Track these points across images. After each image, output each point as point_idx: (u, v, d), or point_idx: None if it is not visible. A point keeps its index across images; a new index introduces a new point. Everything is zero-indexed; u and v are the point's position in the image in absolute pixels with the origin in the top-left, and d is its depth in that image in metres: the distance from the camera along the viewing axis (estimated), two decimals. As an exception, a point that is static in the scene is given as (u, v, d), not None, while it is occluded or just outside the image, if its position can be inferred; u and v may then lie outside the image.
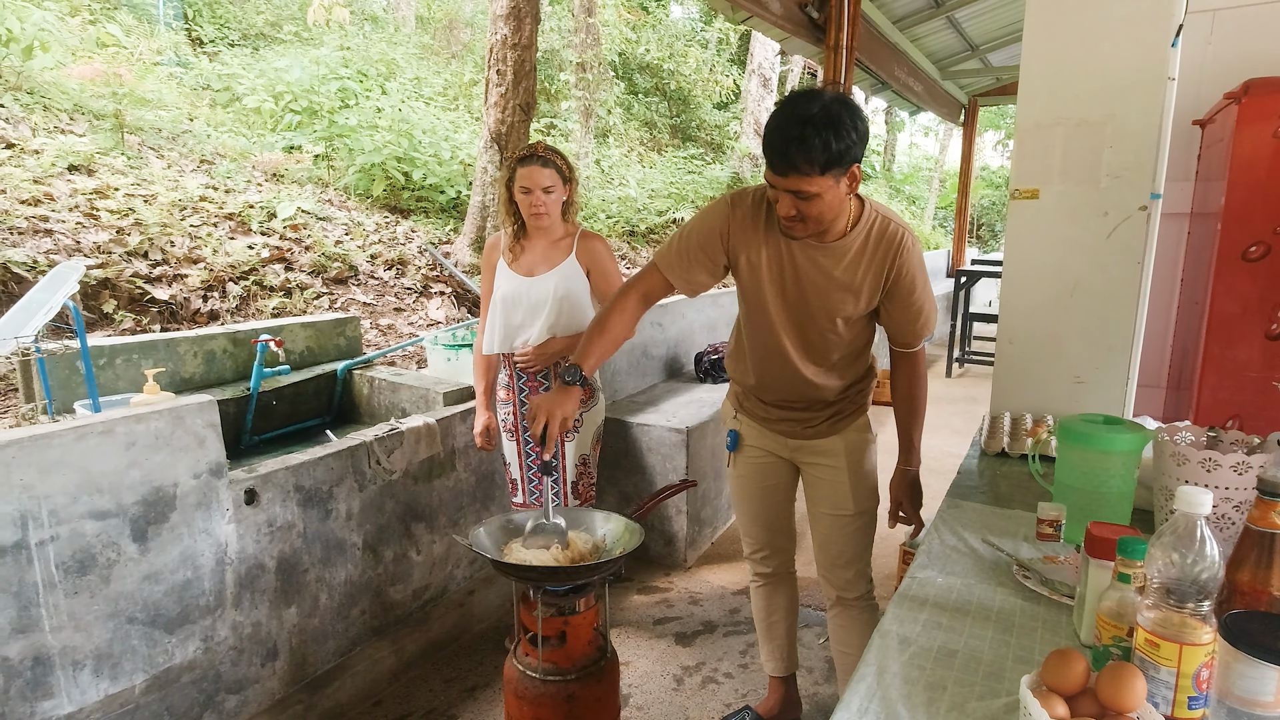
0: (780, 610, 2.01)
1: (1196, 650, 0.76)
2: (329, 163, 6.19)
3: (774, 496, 1.88)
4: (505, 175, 2.14)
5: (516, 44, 5.04)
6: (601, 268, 2.19)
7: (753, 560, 1.98)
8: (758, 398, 1.77)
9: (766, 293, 1.59)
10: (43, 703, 1.50)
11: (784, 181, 1.37)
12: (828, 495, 1.77)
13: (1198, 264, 2.31)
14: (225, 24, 8.63)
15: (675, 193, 9.24)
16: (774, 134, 1.35)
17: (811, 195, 1.36)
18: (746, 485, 1.88)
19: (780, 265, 1.56)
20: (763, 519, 1.91)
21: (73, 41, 6.25)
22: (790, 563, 1.99)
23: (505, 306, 2.16)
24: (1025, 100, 1.98)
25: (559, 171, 2.09)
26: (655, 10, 12.38)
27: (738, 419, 1.86)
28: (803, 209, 1.40)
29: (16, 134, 4.66)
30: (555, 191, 2.09)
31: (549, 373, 2.20)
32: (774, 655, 2.05)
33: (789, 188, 1.37)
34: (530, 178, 2.05)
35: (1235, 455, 1.15)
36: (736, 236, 1.57)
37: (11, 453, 1.41)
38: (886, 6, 6.74)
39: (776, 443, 1.80)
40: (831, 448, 1.74)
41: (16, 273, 3.59)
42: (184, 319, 4.08)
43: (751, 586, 2.03)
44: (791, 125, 1.32)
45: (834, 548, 1.80)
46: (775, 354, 1.65)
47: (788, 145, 1.32)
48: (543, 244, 2.19)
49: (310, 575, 2.03)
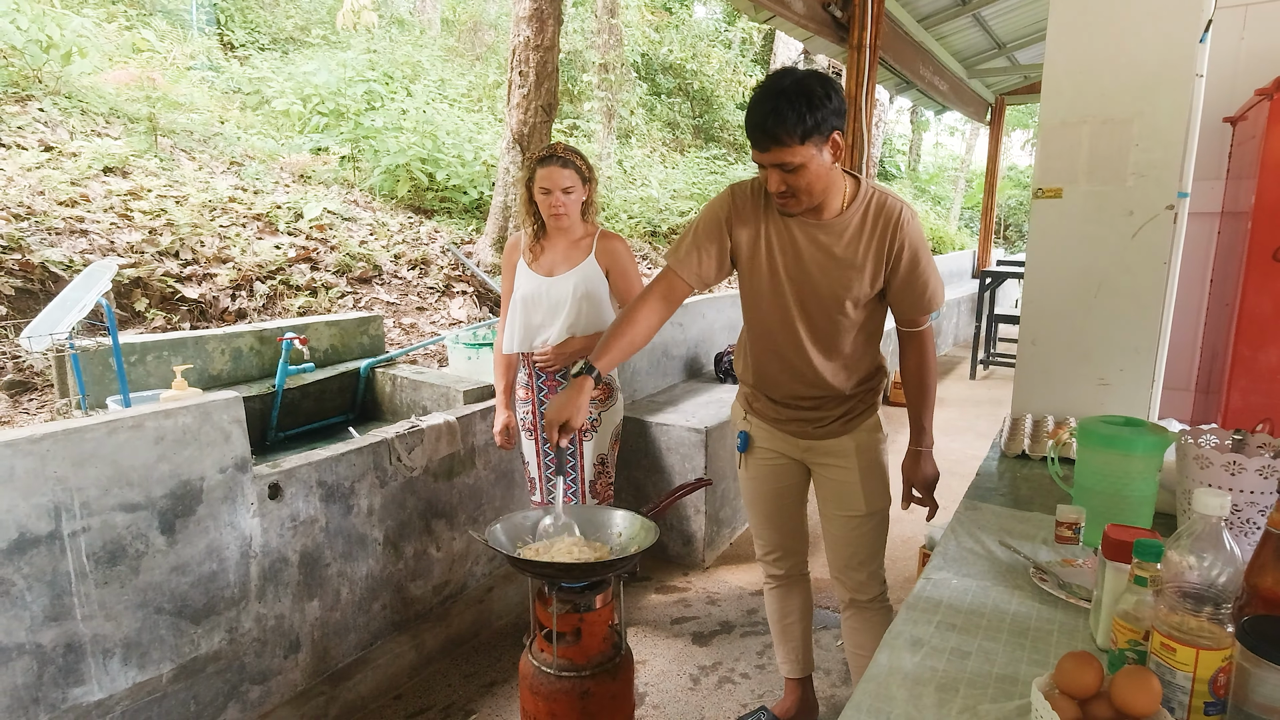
0: (795, 612, 2.00)
1: (1213, 655, 0.75)
2: (355, 164, 6.28)
3: (785, 498, 1.87)
4: (525, 176, 2.15)
5: (539, 46, 5.07)
6: (621, 268, 2.20)
7: (765, 562, 1.97)
8: (767, 397, 1.77)
9: (772, 279, 1.60)
10: (74, 689, 1.54)
11: (767, 156, 1.41)
12: (839, 496, 1.76)
13: (1228, 264, 2.26)
14: (256, 28, 8.80)
15: (698, 193, 9.23)
16: (753, 112, 1.40)
17: (796, 166, 1.40)
18: (758, 487, 1.87)
19: (782, 248, 1.57)
20: (774, 521, 1.90)
21: (109, 47, 6.42)
22: (804, 565, 1.98)
23: (525, 306, 2.17)
24: (1049, 97, 1.95)
25: (578, 172, 2.10)
26: (679, 11, 12.38)
27: (748, 420, 1.85)
28: (791, 182, 1.43)
29: (55, 137, 4.79)
30: (575, 192, 2.10)
31: (567, 372, 2.21)
32: (789, 657, 2.04)
33: (773, 161, 1.41)
34: (550, 178, 2.07)
35: (1261, 459, 1.12)
36: (738, 222, 1.60)
37: (46, 446, 1.46)
38: (911, 5, 6.67)
39: (787, 444, 1.79)
40: (842, 448, 1.73)
41: (54, 272, 3.69)
42: (213, 317, 4.17)
43: (765, 588, 2.02)
44: (767, 100, 1.38)
45: (846, 549, 1.79)
46: (784, 345, 1.64)
47: (765, 119, 1.37)
48: (563, 244, 2.20)
49: (332, 569, 2.07)
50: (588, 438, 2.22)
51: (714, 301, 4.30)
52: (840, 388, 1.68)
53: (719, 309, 4.32)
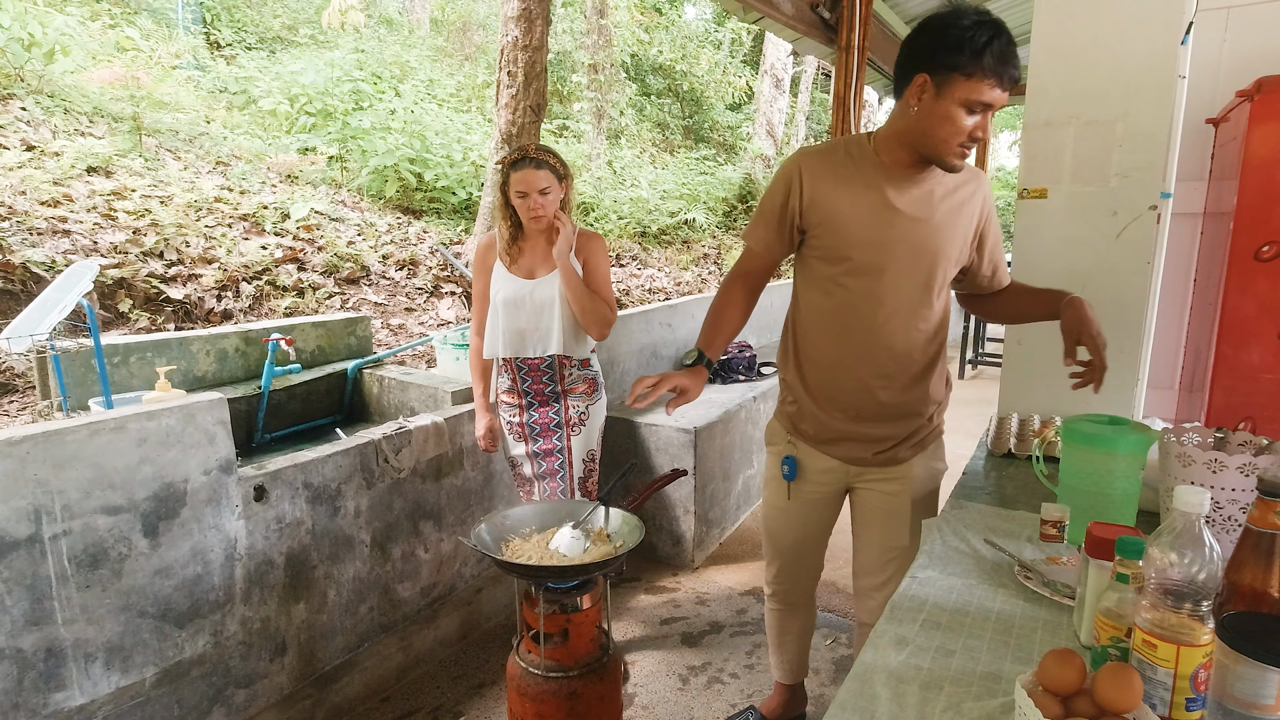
0: (794, 632, 1.95)
1: (1194, 651, 0.75)
2: (342, 164, 6.24)
3: (819, 537, 1.76)
4: (499, 180, 2.12)
5: (528, 46, 5.06)
6: (593, 263, 2.16)
7: (772, 584, 1.89)
8: (821, 413, 1.59)
9: (860, 248, 1.45)
10: (55, 694, 1.52)
11: (1001, 98, 1.28)
12: (883, 526, 1.64)
13: (1211, 264, 2.28)
14: (242, 28, 8.73)
15: (688, 194, 9.24)
16: (1004, 44, 1.24)
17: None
18: (792, 522, 1.73)
19: (877, 215, 1.43)
20: (802, 558, 1.79)
21: (93, 46, 6.35)
22: (811, 592, 1.89)
23: (508, 310, 2.14)
24: (1034, 99, 1.96)
25: (554, 171, 2.07)
26: (668, 11, 12.39)
27: (793, 444, 1.66)
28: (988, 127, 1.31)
29: (37, 137, 4.74)
30: (551, 192, 2.06)
31: (554, 374, 2.20)
32: (783, 665, 2.01)
33: (1002, 104, 1.29)
34: (525, 181, 2.03)
35: (1242, 457, 1.13)
36: (811, 188, 1.46)
37: (26, 448, 1.44)
38: (899, 6, 6.70)
39: (836, 471, 1.64)
40: (900, 475, 1.60)
41: (36, 272, 3.65)
42: (198, 318, 4.13)
43: (768, 608, 1.96)
44: (1005, 35, 1.24)
45: (874, 578, 1.70)
46: (859, 332, 1.49)
47: (1013, 57, 1.25)
48: (541, 244, 2.17)
49: (319, 572, 2.05)
50: (576, 433, 2.21)
51: (702, 302, 4.31)
52: (918, 398, 1.55)
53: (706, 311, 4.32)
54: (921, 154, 1.39)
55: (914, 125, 1.36)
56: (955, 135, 1.31)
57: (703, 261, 8.56)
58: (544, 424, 2.22)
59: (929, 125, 1.33)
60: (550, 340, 2.13)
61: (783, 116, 12.00)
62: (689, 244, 8.65)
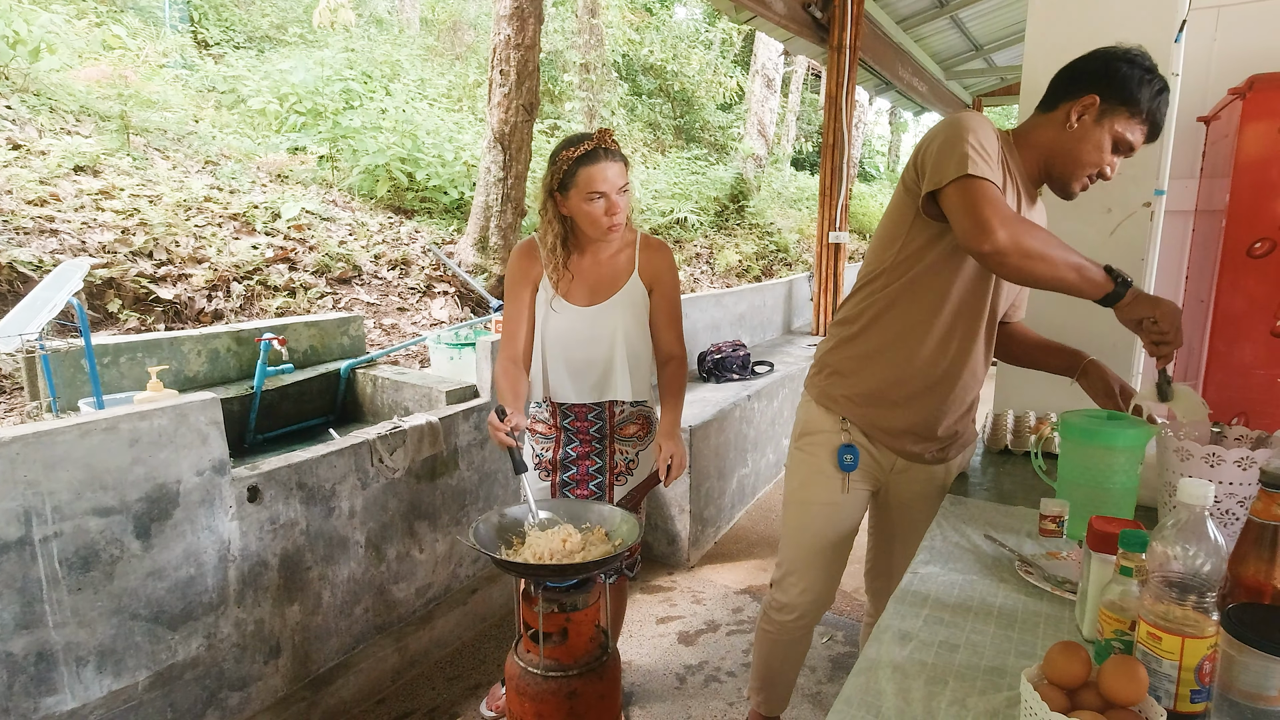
0: (792, 661, 1.80)
1: (1199, 644, 0.75)
2: (333, 164, 6.20)
3: (849, 538, 1.63)
4: (551, 182, 1.65)
5: (519, 44, 5.05)
6: (665, 288, 1.77)
7: (790, 604, 1.67)
8: (890, 401, 1.50)
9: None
10: (46, 699, 1.50)
11: (1139, 146, 1.32)
12: (912, 530, 1.60)
13: (1203, 261, 2.29)
14: (231, 26, 8.67)
15: (679, 193, 9.25)
16: (1165, 103, 1.29)
17: None
18: (846, 520, 1.59)
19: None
20: (837, 559, 1.63)
21: (79, 44, 6.29)
22: (818, 620, 1.73)
23: (566, 346, 1.74)
24: (1028, 97, 1.96)
25: (626, 162, 1.64)
26: (659, 11, 12.39)
27: (848, 431, 1.54)
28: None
29: (23, 135, 4.68)
30: (629, 189, 1.63)
31: (603, 411, 1.82)
32: (768, 696, 1.84)
33: (1133, 153, 1.33)
34: (603, 178, 1.57)
35: (1239, 450, 1.14)
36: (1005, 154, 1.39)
37: (16, 449, 1.42)
38: (890, 6, 6.73)
39: (881, 465, 1.58)
40: (938, 475, 1.60)
41: (22, 272, 3.61)
42: (188, 318, 4.10)
43: (768, 626, 1.75)
44: (1167, 99, 1.29)
45: (888, 581, 1.67)
46: (961, 332, 1.44)
47: (1165, 118, 1.30)
48: (594, 260, 1.73)
49: (313, 573, 2.04)
50: (620, 483, 1.88)
51: (697, 301, 4.31)
52: (971, 390, 1.53)
53: (701, 309, 4.33)
54: (1051, 172, 1.39)
55: (1063, 140, 1.35)
56: (1096, 163, 1.33)
57: (694, 261, 8.57)
58: (580, 472, 1.86)
59: (1078, 146, 1.33)
60: (611, 385, 1.76)
61: (774, 116, 12.03)
62: (680, 243, 8.66)
